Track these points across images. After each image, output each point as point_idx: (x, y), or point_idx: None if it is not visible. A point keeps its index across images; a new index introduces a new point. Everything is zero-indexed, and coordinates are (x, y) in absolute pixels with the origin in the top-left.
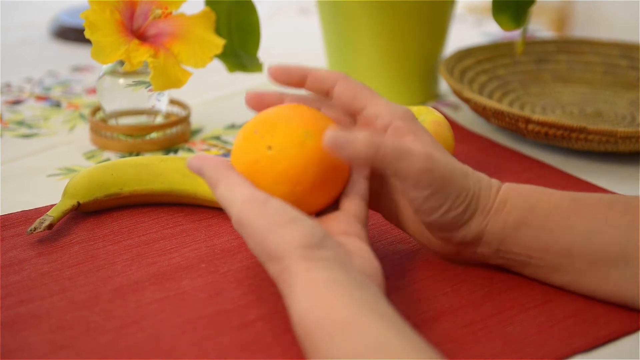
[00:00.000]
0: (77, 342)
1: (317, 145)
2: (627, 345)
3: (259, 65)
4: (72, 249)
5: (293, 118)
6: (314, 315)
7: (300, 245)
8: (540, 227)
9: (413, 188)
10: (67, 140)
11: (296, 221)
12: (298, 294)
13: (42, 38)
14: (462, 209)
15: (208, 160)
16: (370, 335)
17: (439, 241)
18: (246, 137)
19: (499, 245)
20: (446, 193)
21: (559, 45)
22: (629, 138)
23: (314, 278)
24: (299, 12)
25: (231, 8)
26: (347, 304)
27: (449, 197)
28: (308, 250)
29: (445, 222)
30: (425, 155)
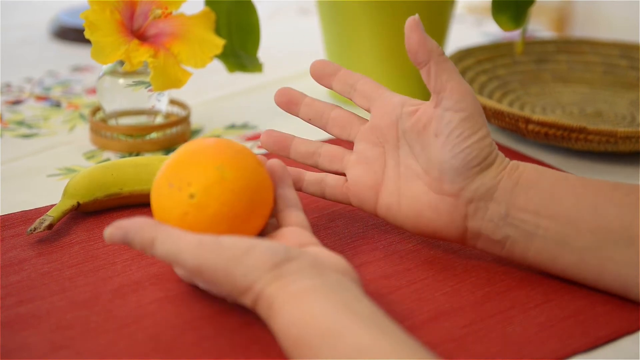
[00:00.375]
0: (77, 342)
1: (236, 175)
2: (627, 345)
3: (259, 66)
4: (72, 249)
5: (201, 158)
6: (296, 328)
7: (268, 267)
8: (550, 191)
9: (451, 108)
10: (67, 140)
11: (254, 247)
12: (278, 312)
13: (42, 38)
14: (488, 150)
15: (131, 225)
16: (355, 339)
17: (449, 201)
18: (163, 193)
19: (508, 207)
20: (479, 123)
21: (558, 45)
22: (629, 138)
23: (290, 292)
24: (299, 12)
25: (231, 8)
26: (327, 311)
27: (481, 127)
28: (277, 270)
29: (469, 159)
30: (467, 83)
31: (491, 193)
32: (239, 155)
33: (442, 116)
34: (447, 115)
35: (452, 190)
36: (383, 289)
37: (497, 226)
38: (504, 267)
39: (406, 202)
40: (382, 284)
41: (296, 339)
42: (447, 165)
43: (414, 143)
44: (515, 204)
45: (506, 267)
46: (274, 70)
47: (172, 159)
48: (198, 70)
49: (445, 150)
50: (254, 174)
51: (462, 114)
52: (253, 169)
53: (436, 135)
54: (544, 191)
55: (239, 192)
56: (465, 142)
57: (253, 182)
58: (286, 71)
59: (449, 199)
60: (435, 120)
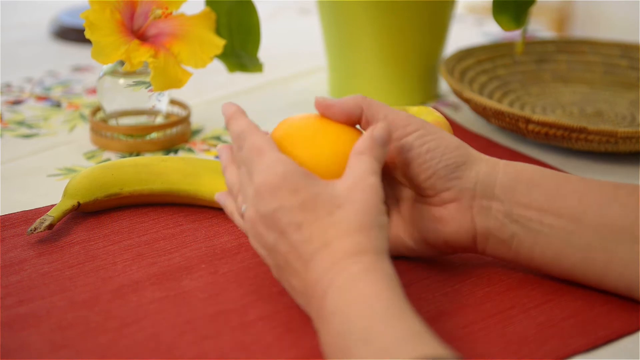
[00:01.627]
0: (77, 342)
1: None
2: (627, 345)
3: (259, 66)
4: (72, 249)
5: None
6: (343, 315)
7: (367, 223)
8: (553, 189)
9: (404, 134)
10: (67, 140)
11: (373, 187)
12: (335, 292)
13: (43, 38)
14: (462, 150)
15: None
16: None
17: (453, 208)
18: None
19: (511, 204)
20: (436, 132)
21: (559, 45)
22: (629, 138)
23: (352, 273)
24: (299, 12)
25: (231, 8)
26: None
27: (442, 137)
28: (369, 230)
29: (450, 162)
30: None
31: (491, 189)
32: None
33: (402, 146)
34: (405, 142)
35: (452, 195)
36: None
37: (503, 224)
38: (504, 268)
39: (411, 222)
40: None
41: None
42: (435, 179)
43: (402, 178)
44: (518, 201)
45: (506, 267)
46: (274, 70)
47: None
48: (198, 70)
49: (425, 169)
50: None
51: (416, 134)
52: None
53: (408, 164)
54: (547, 190)
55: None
56: (436, 153)
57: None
58: (286, 71)
59: (452, 205)
60: (402, 153)
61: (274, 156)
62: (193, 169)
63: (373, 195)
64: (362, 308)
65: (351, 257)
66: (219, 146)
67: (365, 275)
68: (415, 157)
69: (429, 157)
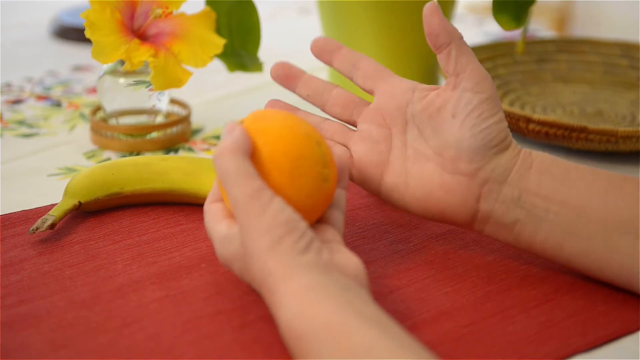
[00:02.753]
0: (77, 341)
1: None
2: (627, 345)
3: (260, 65)
4: (72, 248)
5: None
6: (300, 323)
7: (287, 248)
8: (561, 176)
9: (471, 89)
10: (67, 139)
11: (290, 223)
12: (282, 301)
13: (43, 38)
14: (504, 133)
15: (238, 131)
16: (358, 339)
17: (464, 181)
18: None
19: (521, 190)
20: (497, 106)
21: (559, 44)
22: (629, 138)
23: (296, 284)
24: (300, 12)
25: (232, 8)
26: (332, 308)
27: (498, 111)
28: (293, 255)
29: (488, 139)
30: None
31: (505, 176)
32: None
33: (461, 97)
34: (466, 95)
35: (469, 169)
36: (383, 288)
37: (508, 209)
38: (504, 267)
39: (415, 182)
40: (382, 283)
41: (299, 333)
42: (466, 144)
43: (425, 126)
44: (528, 187)
45: (507, 266)
46: None
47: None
48: (198, 70)
49: (465, 130)
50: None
51: (481, 96)
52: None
53: (454, 116)
54: (555, 176)
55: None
56: (484, 122)
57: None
58: None
59: (463, 179)
60: (453, 102)
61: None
62: (193, 168)
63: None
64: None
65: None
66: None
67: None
68: (467, 113)
69: (477, 122)
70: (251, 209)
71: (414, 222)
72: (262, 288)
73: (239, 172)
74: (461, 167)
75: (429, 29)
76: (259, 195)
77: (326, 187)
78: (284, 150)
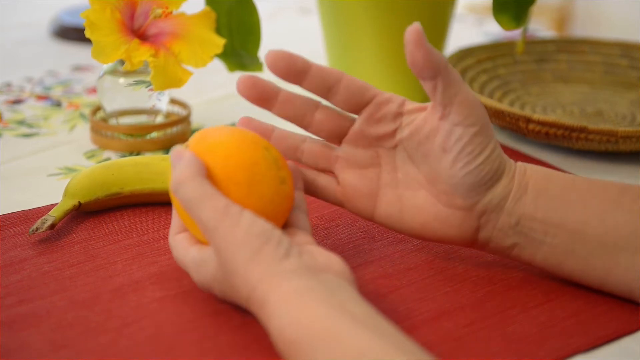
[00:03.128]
0: (77, 341)
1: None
2: (627, 345)
3: (260, 65)
4: (72, 248)
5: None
6: (291, 329)
7: (268, 259)
8: (558, 198)
9: (461, 123)
10: (67, 139)
11: (265, 233)
12: (272, 310)
13: (43, 38)
14: (496, 163)
15: (187, 156)
16: (351, 342)
17: (461, 215)
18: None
19: (519, 216)
20: (488, 137)
21: (559, 44)
22: (629, 137)
23: (284, 291)
24: (300, 12)
25: (232, 7)
26: (323, 312)
27: (490, 142)
28: (275, 264)
29: (482, 175)
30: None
31: (502, 204)
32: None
33: (451, 131)
34: (457, 130)
35: (465, 204)
36: (383, 288)
37: (506, 235)
38: (504, 267)
39: (410, 212)
40: (382, 283)
41: (291, 340)
42: (460, 182)
43: (414, 152)
44: (525, 213)
45: (507, 266)
46: None
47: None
48: (198, 70)
49: (457, 168)
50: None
51: (472, 129)
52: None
53: (444, 150)
54: (552, 198)
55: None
56: (477, 159)
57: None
58: None
59: (460, 212)
60: (442, 135)
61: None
62: None
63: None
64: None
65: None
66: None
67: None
68: (459, 150)
69: (470, 160)
70: (223, 226)
71: None
72: (250, 303)
73: (202, 195)
74: (456, 202)
75: (411, 60)
76: (227, 212)
77: (285, 189)
78: (236, 163)
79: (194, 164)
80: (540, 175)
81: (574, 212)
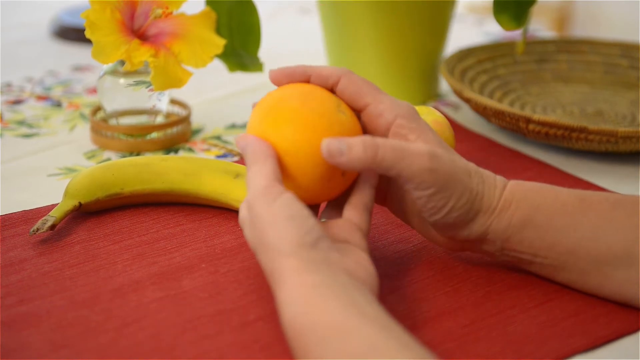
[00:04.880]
0: (77, 341)
1: (351, 119)
2: (627, 345)
3: (260, 65)
4: (72, 248)
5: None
6: (303, 320)
7: (294, 243)
8: (546, 226)
9: (416, 188)
10: (67, 139)
11: (296, 218)
12: (287, 296)
13: (43, 38)
14: (465, 209)
15: (253, 142)
16: (360, 339)
17: (444, 239)
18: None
19: (503, 244)
20: (449, 192)
21: (559, 45)
22: (629, 138)
23: (302, 281)
24: (300, 12)
25: (232, 8)
26: (336, 308)
27: (452, 196)
28: (300, 250)
29: (449, 222)
30: (427, 154)
31: (484, 235)
32: (344, 102)
33: (410, 190)
34: (415, 192)
35: (444, 236)
36: (383, 288)
37: (494, 255)
38: (504, 267)
39: (411, 213)
40: (382, 283)
41: (301, 330)
42: (432, 223)
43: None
44: (510, 242)
45: (507, 267)
46: None
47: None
48: (199, 70)
49: (425, 215)
50: (359, 125)
51: (428, 192)
52: (357, 121)
53: (413, 200)
54: (539, 227)
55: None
56: (441, 211)
57: (361, 131)
58: None
59: (442, 239)
60: (406, 188)
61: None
62: (193, 169)
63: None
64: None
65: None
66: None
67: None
68: (422, 206)
69: (433, 213)
70: (259, 203)
71: None
72: (271, 279)
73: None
74: (435, 233)
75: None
76: (266, 192)
77: (344, 119)
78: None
79: (261, 147)
80: (525, 206)
81: (564, 237)
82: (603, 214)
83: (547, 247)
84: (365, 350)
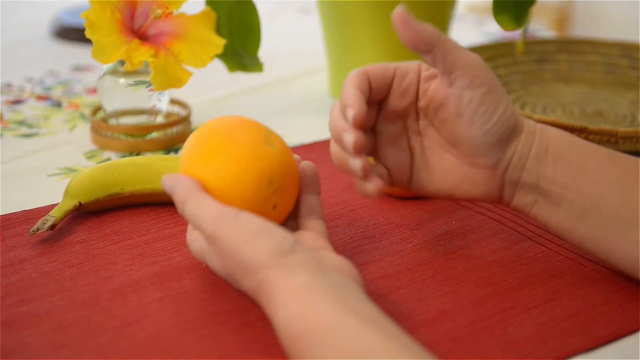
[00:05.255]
0: (77, 341)
1: (281, 149)
2: (627, 345)
3: (260, 65)
4: (72, 248)
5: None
6: (297, 324)
7: (273, 253)
8: (577, 165)
9: (469, 85)
10: (67, 139)
11: (267, 231)
12: (278, 303)
13: (43, 38)
14: (512, 120)
15: (180, 179)
16: (356, 339)
17: (486, 173)
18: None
19: (539, 177)
20: (499, 96)
21: (559, 45)
22: (629, 138)
23: (291, 285)
24: (300, 12)
25: (232, 8)
26: (329, 309)
27: (502, 101)
28: (281, 258)
29: (498, 135)
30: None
31: (524, 161)
32: (274, 134)
33: (460, 96)
34: (466, 94)
35: (489, 163)
36: (383, 289)
37: (527, 193)
38: (504, 267)
39: (438, 177)
40: (382, 284)
41: (296, 334)
42: (480, 142)
43: (433, 119)
44: (545, 175)
45: (507, 267)
46: (275, 69)
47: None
48: (199, 70)
49: (474, 129)
50: (291, 155)
51: (481, 90)
52: (289, 151)
53: (459, 114)
54: (571, 164)
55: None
56: (492, 117)
57: (292, 162)
58: (287, 71)
59: (485, 171)
60: (453, 101)
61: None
62: None
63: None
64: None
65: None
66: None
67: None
68: (472, 112)
69: (485, 119)
70: (222, 229)
71: (414, 222)
72: (257, 295)
73: (198, 208)
74: (480, 161)
75: (403, 40)
76: (223, 216)
77: (271, 151)
78: (228, 175)
79: (188, 183)
80: (561, 139)
81: (591, 182)
82: (629, 171)
83: (575, 189)
84: (361, 352)
